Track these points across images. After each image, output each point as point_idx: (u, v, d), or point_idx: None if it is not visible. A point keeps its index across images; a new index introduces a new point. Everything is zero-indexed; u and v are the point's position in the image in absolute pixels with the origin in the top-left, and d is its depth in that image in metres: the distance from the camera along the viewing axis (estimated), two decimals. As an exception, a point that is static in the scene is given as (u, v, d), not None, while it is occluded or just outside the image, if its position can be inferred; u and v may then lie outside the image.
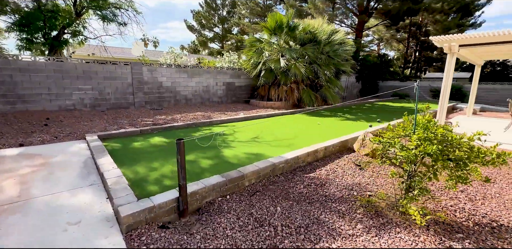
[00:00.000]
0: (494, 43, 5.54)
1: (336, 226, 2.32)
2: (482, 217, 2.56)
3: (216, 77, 11.26)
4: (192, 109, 9.29)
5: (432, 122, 2.38)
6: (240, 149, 4.49)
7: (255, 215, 2.46)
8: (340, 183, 3.28)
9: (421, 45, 24.15)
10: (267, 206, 2.63)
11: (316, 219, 2.43)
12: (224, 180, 2.82)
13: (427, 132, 2.26)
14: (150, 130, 5.68)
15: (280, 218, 2.42)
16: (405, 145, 2.36)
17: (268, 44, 10.25)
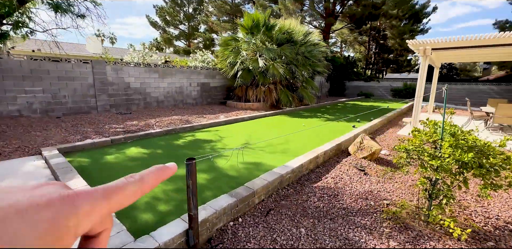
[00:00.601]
0: (461, 47, 5.99)
1: (370, 246, 2.09)
2: (496, 219, 2.57)
3: (190, 78, 10.53)
4: (166, 112, 8.48)
5: (457, 128, 2.29)
6: (234, 157, 4.07)
7: (280, 242, 2.11)
8: (351, 191, 3.09)
9: (380, 48, 26.09)
10: (289, 228, 2.30)
11: (346, 239, 2.17)
12: (235, 200, 2.41)
13: (456, 138, 2.16)
14: (123, 139, 4.91)
15: (308, 242, 2.11)
16: (435, 153, 2.24)
17: (246, 43, 9.88)
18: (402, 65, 27.28)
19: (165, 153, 4.28)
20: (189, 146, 4.76)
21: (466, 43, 5.82)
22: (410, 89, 19.37)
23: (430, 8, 24.51)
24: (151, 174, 0.29)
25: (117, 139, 4.82)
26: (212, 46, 28.99)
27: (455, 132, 2.24)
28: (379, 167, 3.93)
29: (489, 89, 16.69)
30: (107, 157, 3.96)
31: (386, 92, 21.11)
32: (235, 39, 10.48)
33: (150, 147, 4.57)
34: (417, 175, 3.53)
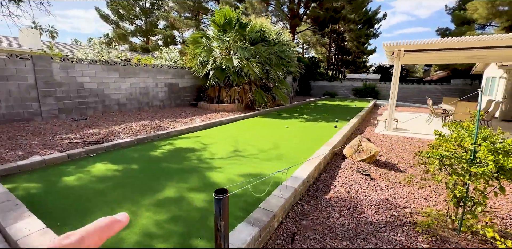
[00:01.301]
0: (431, 50, 6.39)
1: (420, 270, 1.84)
2: None
3: (156, 77, 9.49)
4: (131, 117, 7.42)
5: (487, 131, 2.19)
6: (229, 169, 3.56)
7: (323, 280, 1.72)
8: (367, 201, 2.87)
9: (340, 50, 27.66)
10: (326, 258, 1.93)
11: (391, 264, 1.89)
12: (257, 230, 1.94)
13: (492, 142, 2.04)
14: (84, 153, 3.97)
15: (354, 276, 1.76)
16: (474, 159, 2.09)
17: (219, 41, 9.25)
18: (359, 66, 29.35)
19: (143, 168, 3.55)
20: (169, 157, 4.06)
21: (436, 46, 6.21)
22: (369, 88, 20.87)
23: (381, 15, 26.84)
24: (95, 232, 0.23)
25: (76, 153, 3.87)
26: (174, 44, 27.30)
27: (487, 136, 2.13)
28: (381, 170, 3.82)
29: (434, 88, 18.83)
30: (66, 179, 3.08)
31: (348, 91, 22.40)
32: (206, 37, 9.77)
33: (122, 162, 3.76)
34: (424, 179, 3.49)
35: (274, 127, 6.97)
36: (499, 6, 11.58)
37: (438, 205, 2.81)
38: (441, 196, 3.03)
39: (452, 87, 18.38)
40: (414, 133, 6.73)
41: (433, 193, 3.09)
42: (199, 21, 24.36)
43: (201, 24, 24.79)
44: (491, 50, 5.81)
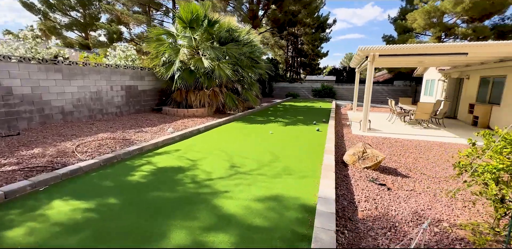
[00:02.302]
0: (402, 55, 6.80)
1: None
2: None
3: (111, 79, 8.05)
4: (84, 129, 6.04)
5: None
6: (238, 192, 2.97)
7: None
8: (401, 217, 2.66)
9: (297, 52, 28.71)
10: None
11: None
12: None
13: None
14: (29, 188, 2.87)
15: None
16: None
17: (188, 39, 8.31)
18: (314, 68, 30.98)
19: (126, 201, 2.70)
20: (156, 182, 3.25)
21: (407, 51, 6.62)
22: (327, 89, 22.11)
23: (331, 21, 28.84)
24: None
25: (17, 189, 2.76)
26: (121, 41, 24.40)
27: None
28: (388, 177, 3.73)
29: (381, 89, 20.94)
30: (7, 235, 2.07)
31: (308, 92, 23.36)
32: (170, 34, 8.71)
33: (92, 195, 2.82)
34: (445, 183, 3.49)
35: (258, 133, 6.52)
36: (433, 18, 13.45)
37: (463, 213, 2.77)
38: (458, 202, 3.03)
39: (395, 88, 20.74)
40: (388, 133, 7.07)
41: (451, 200, 3.07)
42: (150, 17, 22.26)
43: (153, 20, 22.75)
44: (450, 56, 6.46)
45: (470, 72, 9.57)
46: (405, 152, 5.07)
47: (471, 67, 9.03)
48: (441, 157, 4.77)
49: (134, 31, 25.72)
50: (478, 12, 11.96)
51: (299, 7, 21.88)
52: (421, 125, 8.65)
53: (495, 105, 7.98)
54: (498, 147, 2.19)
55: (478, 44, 5.79)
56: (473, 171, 2.29)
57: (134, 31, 25.74)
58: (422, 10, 13.38)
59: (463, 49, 6.02)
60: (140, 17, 19.83)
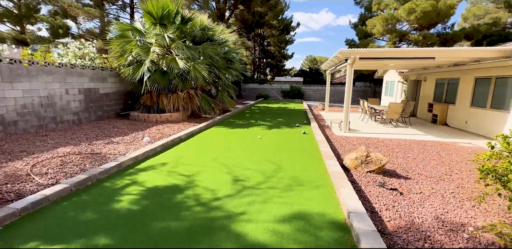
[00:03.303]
0: (381, 58, 7.13)
1: None
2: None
3: (66, 81, 6.83)
4: (36, 142, 4.93)
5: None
6: (257, 214, 2.60)
7: None
8: (427, 224, 2.60)
9: (264, 53, 28.91)
10: None
11: None
12: None
13: None
14: (-25, 234, 2.07)
15: None
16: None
17: (160, 37, 7.47)
18: (281, 69, 31.59)
19: (123, 240, 2.12)
20: (152, 208, 2.67)
21: (385, 55, 6.96)
22: (296, 90, 22.68)
23: (295, 24, 29.75)
24: None
25: (-45, 239, 1.96)
26: (67, 36, 21.53)
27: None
28: (393, 180, 3.74)
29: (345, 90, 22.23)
30: None
31: (277, 93, 23.65)
32: (137, 31, 7.77)
33: (71, 235, 2.15)
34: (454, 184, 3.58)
35: (246, 139, 6.16)
36: (389, 25, 14.74)
37: (477, 214, 2.84)
38: (465, 202, 3.12)
39: (357, 89, 22.25)
40: (367, 133, 7.35)
41: (460, 201, 3.16)
42: (104, 11, 20.05)
43: (107, 15, 20.57)
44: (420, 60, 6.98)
45: (427, 75, 10.61)
46: (392, 152, 5.24)
47: (428, 70, 9.98)
48: (425, 155, 5.04)
49: (86, 26, 22.77)
50: (427, 21, 13.45)
51: (266, 9, 22.01)
52: (391, 123, 9.25)
53: (451, 104, 8.93)
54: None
55: (444, 49, 6.35)
56: (498, 175, 2.32)
57: (86, 26, 22.83)
58: (381, 17, 14.53)
59: (432, 54, 6.54)
60: (92, 11, 17.69)
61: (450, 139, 6.58)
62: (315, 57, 51.58)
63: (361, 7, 19.29)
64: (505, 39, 13.95)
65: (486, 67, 6.99)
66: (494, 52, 6.24)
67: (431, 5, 12.45)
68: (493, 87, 6.90)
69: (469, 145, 6.03)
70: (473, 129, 7.58)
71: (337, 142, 6.05)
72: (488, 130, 6.95)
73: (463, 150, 5.56)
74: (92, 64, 8.00)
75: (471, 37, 14.46)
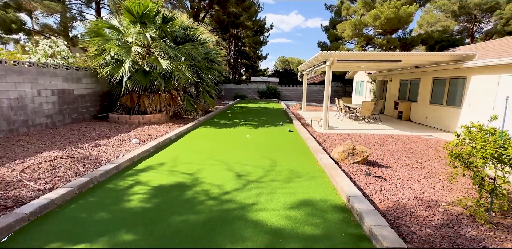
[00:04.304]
0: (356, 60, 7.77)
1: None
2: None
3: (38, 82, 6.35)
4: (12, 148, 4.58)
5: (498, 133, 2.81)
6: (267, 202, 2.82)
7: None
8: (410, 203, 3.05)
9: (240, 54, 29.09)
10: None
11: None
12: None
13: None
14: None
15: None
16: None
17: (142, 36, 7.26)
18: (256, 70, 32.03)
19: (148, 234, 2.19)
20: (165, 204, 2.75)
21: (360, 57, 7.61)
22: (272, 90, 23.23)
23: (269, 25, 30.40)
24: None
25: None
26: (21, 32, 19.56)
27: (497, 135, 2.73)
28: (375, 169, 4.23)
29: (318, 89, 23.36)
30: None
31: (254, 93, 23.99)
32: (115, 29, 7.46)
33: (93, 234, 2.17)
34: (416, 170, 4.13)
35: (236, 138, 6.33)
36: (357, 29, 15.94)
37: (446, 193, 3.40)
38: (436, 184, 3.69)
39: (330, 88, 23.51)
40: (345, 129, 7.96)
41: (433, 183, 3.72)
42: (66, 6, 18.56)
43: (70, 10, 19.10)
44: (389, 62, 7.78)
45: (392, 76, 11.73)
46: (370, 145, 5.82)
47: (393, 71, 11.06)
48: (397, 147, 5.69)
49: (43, 21, 20.77)
50: (390, 26, 14.81)
51: (240, 10, 22.21)
52: (364, 120, 10.08)
53: (413, 102, 10.03)
54: (479, 136, 2.79)
55: (409, 53, 7.19)
56: (463, 158, 2.85)
57: (43, 21, 20.82)
58: (350, 22, 15.62)
59: (398, 57, 7.35)
60: (52, 5, 16.30)
61: (415, 133, 7.44)
62: (287, 58, 53.16)
63: (331, 12, 20.48)
64: (453, 44, 15.92)
65: (442, 69, 8.03)
66: (448, 56, 7.23)
67: (393, 13, 13.75)
68: (448, 86, 7.95)
69: (431, 137, 6.90)
70: (432, 123, 8.64)
71: (320, 138, 6.50)
72: (444, 124, 7.99)
73: (426, 141, 6.36)
74: (65, 63, 7.49)
75: (426, 42, 16.24)
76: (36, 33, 20.78)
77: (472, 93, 6.95)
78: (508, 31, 17.41)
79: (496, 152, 2.59)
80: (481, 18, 19.79)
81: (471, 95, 6.98)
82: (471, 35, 20.91)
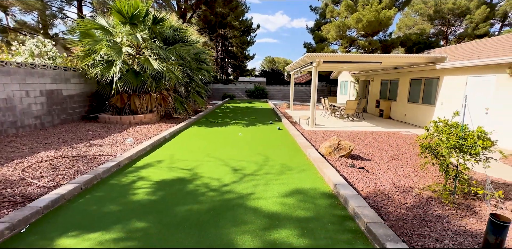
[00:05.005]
0: (340, 62, 8.22)
1: (458, 221, 2.55)
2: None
3: (26, 83, 6.28)
4: (7, 148, 4.58)
5: (459, 127, 3.27)
6: (263, 192, 3.12)
7: None
8: (388, 189, 3.46)
9: (227, 54, 29.20)
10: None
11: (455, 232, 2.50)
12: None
13: (473, 135, 3.10)
14: (7, 231, 2.16)
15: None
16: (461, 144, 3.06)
17: (132, 37, 7.30)
18: (243, 70, 32.26)
19: (158, 221, 2.42)
20: (170, 197, 2.97)
21: (344, 59, 8.08)
22: (260, 90, 23.57)
23: (255, 25, 30.71)
24: None
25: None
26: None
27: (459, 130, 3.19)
28: (358, 162, 4.65)
29: (304, 89, 23.97)
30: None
31: (242, 93, 24.22)
32: (104, 29, 7.46)
33: (107, 223, 2.37)
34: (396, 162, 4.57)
35: (229, 136, 6.58)
36: (341, 31, 16.62)
37: (419, 180, 3.85)
38: (412, 173, 4.15)
39: (315, 88, 24.19)
40: (331, 127, 8.42)
41: (408, 172, 4.17)
42: (45, 3, 17.91)
43: (49, 7, 18.44)
44: (370, 64, 8.32)
45: (374, 76, 12.41)
46: (353, 141, 6.27)
47: (375, 72, 11.72)
48: (378, 142, 6.18)
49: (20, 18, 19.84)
50: (371, 29, 15.57)
51: (227, 10, 22.35)
52: (348, 118, 10.64)
53: (393, 101, 10.71)
54: (445, 130, 3.24)
55: (388, 55, 7.74)
56: (431, 149, 3.29)
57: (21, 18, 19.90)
58: (334, 24, 16.25)
59: (379, 59, 7.89)
60: (31, 2, 15.72)
61: (394, 129, 8.03)
62: (273, 58, 53.75)
63: (316, 14, 21.11)
64: (429, 46, 16.99)
65: (418, 70, 8.69)
66: (423, 58, 7.87)
67: (374, 16, 14.49)
68: (423, 86, 8.62)
69: (408, 133, 7.49)
70: (410, 120, 9.30)
71: (308, 135, 6.89)
72: (421, 121, 8.66)
73: (404, 137, 6.92)
74: (53, 64, 7.39)
75: (405, 44, 17.22)
76: (12, 31, 19.86)
77: (444, 92, 7.62)
78: (477, 34, 18.80)
79: (457, 142, 3.04)
80: (454, 22, 21.18)
81: (443, 94, 7.65)
82: (446, 37, 22.31)
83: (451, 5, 19.01)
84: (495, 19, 20.71)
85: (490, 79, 6.13)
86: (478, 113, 6.34)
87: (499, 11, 19.85)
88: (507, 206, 3.02)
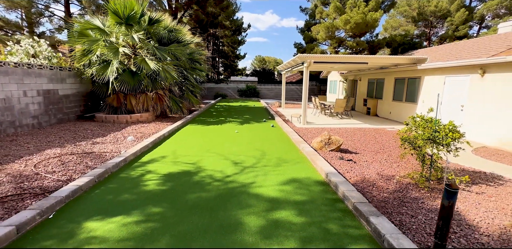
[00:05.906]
0: (330, 62, 8.67)
1: (446, 208, 3.00)
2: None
3: (24, 83, 6.34)
4: (12, 147, 4.72)
5: (435, 121, 3.72)
6: (263, 181, 3.47)
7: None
8: (373, 178, 3.88)
9: (219, 53, 29.30)
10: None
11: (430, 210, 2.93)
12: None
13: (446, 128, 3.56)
14: (38, 217, 2.41)
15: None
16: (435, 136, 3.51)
17: (129, 37, 7.44)
18: (235, 69, 32.45)
19: (172, 207, 2.71)
20: (179, 186, 3.27)
21: (334, 60, 8.52)
22: (252, 89, 23.89)
23: (246, 25, 30.95)
24: None
25: (27, 221, 2.26)
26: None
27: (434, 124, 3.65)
28: (347, 155, 5.08)
29: (296, 88, 24.49)
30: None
31: (234, 92, 24.47)
32: (100, 29, 7.57)
33: (125, 209, 2.65)
34: (381, 155, 5.02)
35: (226, 134, 6.89)
36: (330, 32, 17.18)
37: (400, 170, 4.31)
38: (394, 164, 4.61)
39: (306, 87, 24.76)
40: (321, 124, 8.88)
41: (391, 163, 4.63)
42: (34, 2, 17.49)
43: (35, 5, 18.01)
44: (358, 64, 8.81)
45: (362, 76, 12.99)
46: (342, 137, 6.72)
47: (362, 72, 12.29)
48: (365, 138, 6.66)
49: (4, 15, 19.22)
50: (359, 30, 16.21)
51: (218, 10, 22.50)
52: (337, 116, 11.15)
53: (379, 99, 11.30)
54: (421, 124, 3.69)
55: (374, 56, 8.24)
56: (410, 141, 3.74)
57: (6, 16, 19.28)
58: (323, 25, 16.78)
59: (366, 60, 8.39)
60: (19, 1, 15.31)
61: (380, 126, 8.57)
62: (264, 57, 54.13)
63: (306, 14, 21.62)
64: (413, 47, 17.82)
65: (401, 70, 9.26)
66: (407, 59, 8.43)
67: (361, 18, 15.11)
68: (407, 85, 9.21)
69: (393, 129, 8.04)
70: (395, 117, 9.90)
71: (300, 132, 7.30)
72: (404, 118, 9.25)
73: (389, 133, 7.45)
74: (49, 64, 7.43)
75: (391, 45, 18.00)
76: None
77: (425, 91, 8.21)
78: (457, 36, 19.85)
79: (431, 135, 3.50)
80: (436, 24, 22.22)
81: (424, 93, 8.24)
82: (428, 38, 23.37)
83: (433, 7, 19.97)
84: (473, 21, 21.89)
85: (465, 79, 6.72)
86: (455, 110, 6.93)
87: (477, 14, 21.01)
88: (473, 189, 3.51)
